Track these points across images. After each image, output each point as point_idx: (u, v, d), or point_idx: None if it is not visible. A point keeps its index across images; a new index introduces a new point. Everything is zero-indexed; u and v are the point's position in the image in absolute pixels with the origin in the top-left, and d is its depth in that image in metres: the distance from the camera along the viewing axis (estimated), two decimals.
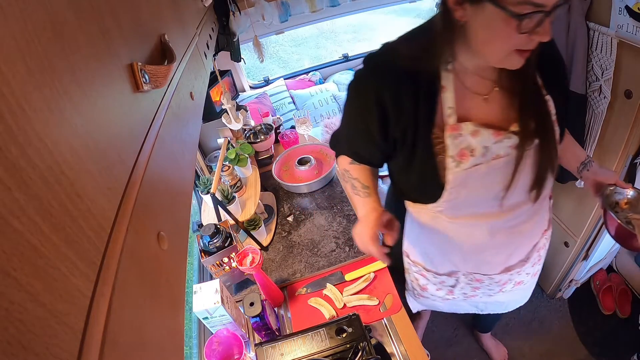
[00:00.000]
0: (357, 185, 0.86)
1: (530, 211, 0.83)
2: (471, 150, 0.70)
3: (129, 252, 0.25)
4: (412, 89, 0.68)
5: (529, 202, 0.80)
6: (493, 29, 0.58)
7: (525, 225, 0.85)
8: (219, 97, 1.55)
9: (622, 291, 1.73)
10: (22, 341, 0.14)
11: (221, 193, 1.20)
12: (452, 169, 0.71)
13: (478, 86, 0.70)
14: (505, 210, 0.79)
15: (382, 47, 0.73)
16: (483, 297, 1.05)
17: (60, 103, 0.21)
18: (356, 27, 5.57)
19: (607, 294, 1.73)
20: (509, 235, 0.85)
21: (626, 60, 1.04)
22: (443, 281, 0.98)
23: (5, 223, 0.15)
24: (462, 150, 0.70)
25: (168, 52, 0.46)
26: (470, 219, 0.81)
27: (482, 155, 0.70)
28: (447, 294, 1.03)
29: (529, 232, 0.88)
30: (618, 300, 1.70)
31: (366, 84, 0.73)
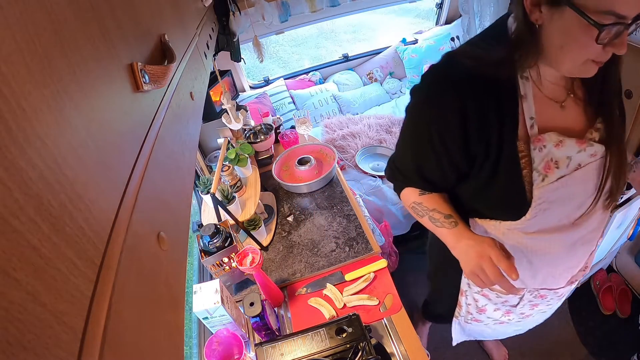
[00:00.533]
0: (438, 216, 0.77)
1: (599, 219, 0.78)
2: (555, 162, 0.66)
3: (129, 252, 0.25)
4: (494, 99, 0.63)
5: (601, 209, 0.75)
6: (570, 36, 0.55)
7: (592, 234, 0.80)
8: (219, 97, 1.55)
9: (622, 291, 1.73)
10: (22, 341, 0.14)
11: (221, 193, 1.20)
12: (538, 184, 0.67)
13: (554, 94, 0.67)
14: (580, 222, 0.75)
15: (448, 56, 0.67)
16: (537, 315, 1.01)
17: (60, 103, 0.21)
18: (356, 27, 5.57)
19: (607, 294, 1.73)
20: (581, 247, 0.80)
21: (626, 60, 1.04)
22: (506, 300, 0.94)
23: (5, 223, 0.15)
24: (547, 163, 0.66)
25: (168, 52, 0.46)
26: (546, 233, 0.75)
27: (566, 167, 0.67)
28: (504, 314, 0.99)
29: (595, 240, 0.84)
30: (618, 300, 1.70)
31: (442, 98, 0.65)
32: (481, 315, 1.02)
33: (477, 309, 1.01)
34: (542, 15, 0.56)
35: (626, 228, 1.54)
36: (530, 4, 0.56)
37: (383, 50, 2.93)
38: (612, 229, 1.41)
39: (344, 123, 2.43)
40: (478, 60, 0.63)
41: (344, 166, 2.17)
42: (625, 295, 1.72)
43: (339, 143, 2.28)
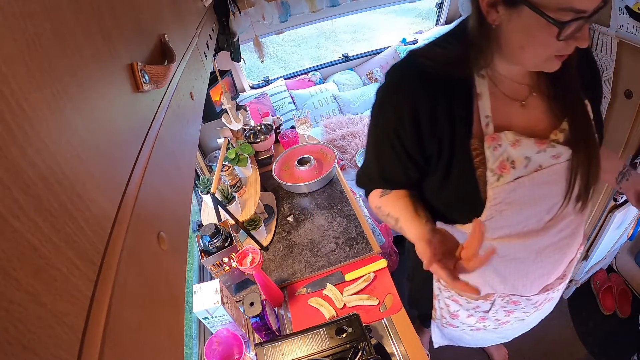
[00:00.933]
0: (391, 221, 0.75)
1: (573, 224, 0.76)
2: (512, 161, 0.65)
3: (129, 252, 0.25)
4: (447, 97, 0.63)
5: (572, 215, 0.74)
6: (530, 35, 0.54)
7: (566, 240, 0.78)
8: (219, 97, 1.55)
9: (622, 291, 1.73)
10: (22, 341, 0.14)
11: (221, 193, 1.20)
12: (492, 184, 0.66)
13: (514, 92, 0.66)
14: (549, 226, 0.73)
15: (408, 56, 0.67)
16: (515, 322, 1.00)
17: (60, 103, 0.21)
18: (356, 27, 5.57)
19: (607, 294, 1.73)
20: (552, 253, 0.78)
21: (626, 60, 1.04)
22: (477, 306, 0.93)
23: (5, 223, 0.15)
24: (502, 163, 0.65)
25: (168, 52, 0.46)
26: (512, 238, 0.74)
27: (523, 167, 0.65)
28: (479, 320, 0.98)
29: (570, 247, 0.81)
30: (618, 300, 1.70)
31: (397, 95, 0.66)
32: (455, 321, 1.01)
33: (449, 313, 1.00)
34: (499, 15, 0.55)
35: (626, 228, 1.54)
36: (486, 5, 0.55)
37: (383, 50, 2.93)
38: (612, 229, 1.41)
39: (344, 123, 2.43)
40: (434, 60, 0.62)
41: (344, 166, 2.17)
42: (625, 295, 1.72)
43: (339, 143, 2.28)
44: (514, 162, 0.65)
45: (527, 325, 1.09)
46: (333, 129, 2.40)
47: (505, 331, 1.07)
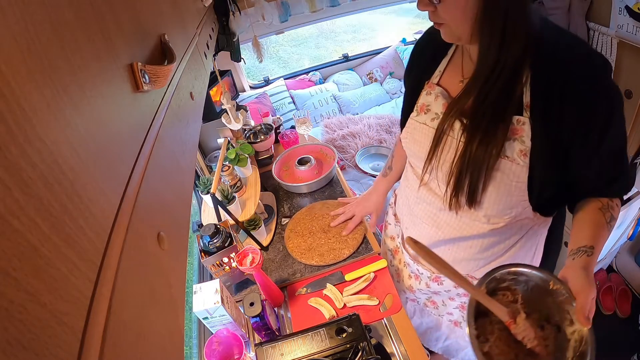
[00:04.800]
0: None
1: (456, 223, 0.83)
2: (427, 109, 0.80)
3: (129, 252, 0.25)
4: (433, 52, 0.80)
5: (439, 201, 0.82)
6: None
7: (455, 233, 0.84)
8: (219, 97, 1.55)
9: (622, 291, 1.73)
10: (22, 341, 0.14)
11: (221, 193, 1.20)
12: (412, 116, 0.84)
13: (465, 68, 0.75)
14: (423, 190, 0.87)
15: None
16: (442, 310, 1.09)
17: (60, 103, 0.21)
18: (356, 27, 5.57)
19: (607, 294, 1.73)
20: (425, 222, 0.90)
21: (626, 60, 1.04)
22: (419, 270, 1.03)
23: (5, 223, 0.15)
24: (423, 104, 0.81)
25: (168, 52, 0.46)
26: (408, 175, 0.92)
27: (430, 120, 0.79)
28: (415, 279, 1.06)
29: (462, 244, 0.86)
30: (618, 300, 1.70)
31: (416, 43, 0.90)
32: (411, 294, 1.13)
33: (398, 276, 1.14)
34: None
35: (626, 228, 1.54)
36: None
37: (383, 50, 2.93)
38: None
39: (344, 123, 2.43)
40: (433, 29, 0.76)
41: (344, 166, 2.17)
42: (625, 295, 1.72)
43: (339, 143, 2.28)
44: (429, 111, 0.80)
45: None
46: (333, 129, 2.40)
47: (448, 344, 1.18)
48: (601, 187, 0.70)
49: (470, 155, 0.70)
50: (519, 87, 0.65)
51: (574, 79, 0.61)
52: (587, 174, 0.69)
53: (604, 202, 0.70)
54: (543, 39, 0.63)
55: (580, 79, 0.61)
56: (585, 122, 0.63)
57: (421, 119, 0.81)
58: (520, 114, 0.66)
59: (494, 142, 0.67)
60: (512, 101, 0.65)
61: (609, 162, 0.68)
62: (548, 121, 0.64)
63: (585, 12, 1.07)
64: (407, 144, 0.87)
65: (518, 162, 0.67)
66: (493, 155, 0.67)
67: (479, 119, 0.68)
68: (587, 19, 1.08)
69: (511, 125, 0.66)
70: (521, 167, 0.67)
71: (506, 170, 0.69)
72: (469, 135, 0.70)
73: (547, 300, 0.67)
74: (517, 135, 0.66)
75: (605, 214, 0.69)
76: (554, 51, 0.63)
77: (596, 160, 0.67)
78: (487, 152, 0.68)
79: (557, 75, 0.62)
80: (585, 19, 1.08)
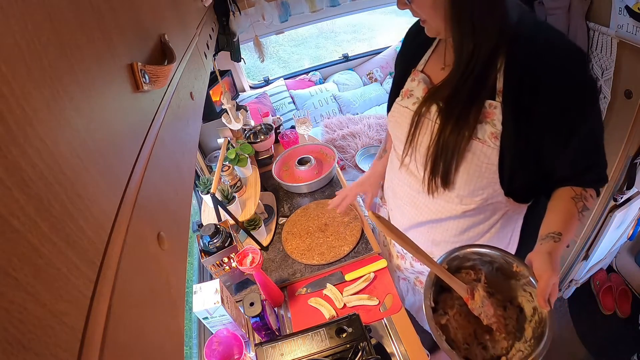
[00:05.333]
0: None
1: (432, 205, 0.87)
2: (410, 94, 0.84)
3: (129, 252, 0.25)
4: (422, 42, 0.84)
5: (424, 190, 0.84)
6: None
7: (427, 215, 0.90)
8: (219, 97, 1.55)
9: (622, 291, 1.73)
10: (22, 341, 0.14)
11: (221, 193, 1.20)
12: (397, 101, 0.88)
13: (448, 57, 0.78)
14: (403, 172, 0.91)
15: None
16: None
17: (60, 103, 0.21)
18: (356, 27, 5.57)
19: (607, 294, 1.73)
20: (405, 202, 0.95)
21: (626, 60, 1.04)
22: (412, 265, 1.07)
23: (5, 223, 0.15)
24: (407, 90, 0.85)
25: (168, 52, 0.46)
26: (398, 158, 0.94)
27: (412, 104, 0.83)
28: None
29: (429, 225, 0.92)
30: (618, 300, 1.70)
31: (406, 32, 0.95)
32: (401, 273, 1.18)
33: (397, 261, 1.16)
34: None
35: (626, 228, 1.54)
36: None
37: (383, 50, 2.93)
38: (612, 229, 1.41)
39: (344, 123, 2.43)
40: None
41: (344, 166, 2.17)
42: (625, 295, 1.72)
43: (339, 143, 2.28)
44: (412, 95, 0.84)
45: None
46: (333, 129, 2.40)
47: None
48: (575, 176, 0.73)
49: (444, 137, 0.73)
50: (493, 74, 0.68)
51: (548, 71, 0.64)
52: (560, 163, 0.72)
53: (577, 191, 0.73)
54: (520, 32, 0.65)
55: (554, 71, 0.63)
56: (557, 113, 0.65)
57: (404, 103, 0.85)
58: (493, 99, 0.69)
59: (467, 124, 0.70)
60: (486, 87, 0.68)
61: (583, 153, 0.70)
62: (519, 107, 0.67)
63: (585, 12, 1.07)
64: (391, 127, 0.92)
65: (489, 144, 0.70)
66: (465, 137, 0.71)
67: (453, 103, 0.71)
68: (587, 19, 1.08)
69: (483, 109, 0.69)
70: (492, 149, 0.70)
71: (477, 152, 0.72)
72: (443, 118, 0.73)
73: (510, 282, 0.71)
74: (488, 119, 0.69)
75: (578, 203, 0.72)
76: (531, 44, 0.65)
77: (568, 151, 0.69)
78: (460, 134, 0.71)
79: (531, 66, 0.64)
80: (585, 19, 1.08)
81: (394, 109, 0.89)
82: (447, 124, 0.72)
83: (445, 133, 0.73)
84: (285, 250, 1.23)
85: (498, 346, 0.68)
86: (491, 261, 0.72)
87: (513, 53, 0.65)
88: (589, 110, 0.66)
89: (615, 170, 1.22)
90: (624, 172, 1.20)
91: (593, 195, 0.74)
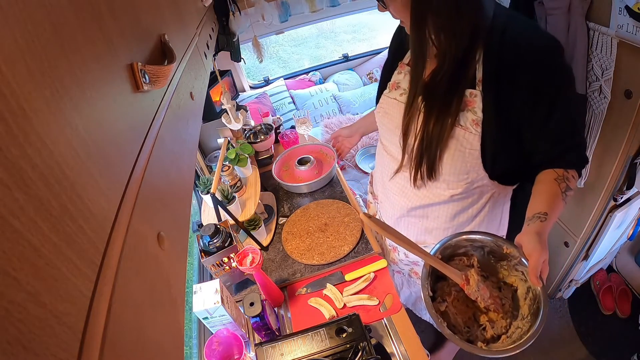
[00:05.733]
0: None
1: (421, 192, 0.90)
2: (397, 85, 0.89)
3: (129, 252, 0.25)
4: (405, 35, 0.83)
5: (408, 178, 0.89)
6: None
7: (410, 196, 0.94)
8: (219, 97, 1.55)
9: (622, 291, 1.73)
10: (22, 341, 0.14)
11: (221, 193, 1.20)
12: (385, 93, 0.93)
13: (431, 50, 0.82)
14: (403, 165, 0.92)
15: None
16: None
17: (60, 103, 0.21)
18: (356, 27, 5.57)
19: (607, 294, 1.73)
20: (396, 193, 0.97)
21: (626, 60, 1.04)
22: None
23: (5, 223, 0.15)
24: (394, 82, 0.90)
25: (168, 52, 0.46)
26: (384, 148, 0.99)
27: (400, 95, 0.88)
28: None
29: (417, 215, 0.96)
30: (618, 300, 1.70)
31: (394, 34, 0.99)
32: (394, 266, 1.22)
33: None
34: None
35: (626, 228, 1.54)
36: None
37: (383, 50, 2.93)
38: (612, 229, 1.41)
39: (344, 123, 2.43)
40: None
41: (344, 166, 2.16)
42: (625, 295, 1.72)
43: None
44: (399, 87, 0.89)
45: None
46: (333, 129, 2.40)
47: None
48: (555, 158, 0.77)
49: (429, 128, 0.78)
50: (472, 65, 0.73)
51: (524, 59, 0.69)
52: (540, 145, 0.76)
53: (559, 172, 0.76)
54: (496, 24, 0.70)
55: (530, 58, 0.69)
56: (533, 97, 0.70)
57: (392, 95, 0.90)
58: (473, 88, 0.74)
59: (449, 112, 0.75)
60: (466, 77, 0.73)
61: (561, 134, 0.74)
62: (498, 95, 0.72)
63: (585, 12, 1.07)
64: (380, 118, 0.96)
65: (471, 130, 0.75)
66: (448, 125, 0.76)
67: (436, 93, 0.76)
68: (587, 19, 1.08)
69: (465, 98, 0.74)
70: (474, 135, 0.75)
71: (460, 138, 0.76)
72: (427, 107, 0.78)
73: (503, 263, 0.75)
74: (470, 107, 0.75)
75: (561, 184, 0.75)
76: (506, 34, 0.70)
77: (547, 133, 0.74)
78: (444, 122, 0.76)
79: (508, 55, 0.69)
80: (585, 19, 1.08)
81: (382, 100, 0.93)
82: (431, 113, 0.77)
83: (429, 123, 0.77)
84: (285, 250, 1.23)
85: (497, 326, 0.71)
86: (482, 246, 0.76)
87: (490, 44, 0.70)
88: (564, 93, 0.71)
89: (615, 170, 1.22)
90: (624, 172, 1.20)
91: (575, 176, 0.77)
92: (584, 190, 1.37)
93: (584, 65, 1.13)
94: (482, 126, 0.74)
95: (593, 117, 1.21)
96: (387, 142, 0.96)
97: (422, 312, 1.38)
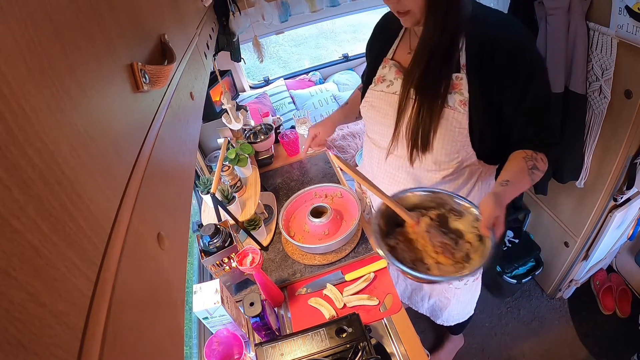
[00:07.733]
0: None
1: (412, 177, 0.96)
2: (383, 79, 0.94)
3: (129, 252, 0.25)
4: (388, 33, 0.96)
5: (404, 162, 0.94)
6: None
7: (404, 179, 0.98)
8: (219, 97, 1.55)
9: (622, 291, 1.73)
10: (22, 341, 0.14)
11: (221, 193, 1.20)
12: (371, 87, 0.97)
13: (411, 43, 0.90)
14: (390, 158, 0.97)
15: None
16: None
17: (60, 103, 0.21)
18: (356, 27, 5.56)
19: (607, 294, 1.73)
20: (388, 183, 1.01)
21: (626, 60, 1.04)
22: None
23: (5, 223, 0.15)
24: (380, 76, 0.95)
25: (168, 52, 0.46)
26: (374, 143, 1.02)
27: (386, 87, 0.93)
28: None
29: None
30: (618, 300, 1.70)
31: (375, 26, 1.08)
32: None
33: None
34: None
35: (626, 228, 1.54)
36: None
37: None
38: (612, 229, 1.41)
39: None
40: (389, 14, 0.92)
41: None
42: (625, 295, 1.72)
43: (339, 143, 2.28)
44: (385, 80, 0.94)
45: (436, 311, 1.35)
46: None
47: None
48: (527, 138, 0.85)
49: (423, 110, 0.84)
50: (456, 52, 0.81)
51: (500, 46, 0.78)
52: (515, 125, 0.84)
53: (528, 152, 0.85)
54: (475, 15, 0.79)
55: (507, 45, 0.78)
56: (510, 80, 0.79)
57: (378, 88, 0.95)
58: (459, 72, 0.82)
59: (439, 95, 0.83)
60: (452, 63, 0.81)
61: (532, 116, 0.83)
62: (481, 77, 0.80)
63: (585, 12, 1.07)
64: (366, 112, 0.99)
65: (459, 110, 0.82)
66: (438, 106, 0.83)
67: (426, 79, 0.83)
68: (587, 19, 1.08)
69: (452, 81, 0.82)
70: (462, 115, 0.82)
71: (449, 118, 0.83)
72: (419, 92, 0.84)
73: (462, 219, 0.83)
74: (456, 89, 0.82)
75: (528, 162, 0.83)
76: (485, 23, 0.79)
77: (520, 115, 0.82)
78: (435, 104, 0.83)
79: (487, 41, 0.78)
80: (585, 19, 1.08)
81: (368, 94, 0.98)
82: (424, 97, 0.84)
83: (423, 105, 0.84)
84: (285, 250, 1.22)
85: (444, 270, 0.76)
86: (443, 203, 0.85)
87: (471, 33, 0.79)
88: (537, 77, 0.80)
89: (615, 170, 1.22)
90: (624, 172, 1.20)
91: (544, 159, 0.85)
92: (584, 190, 1.37)
93: (584, 65, 1.13)
94: (468, 105, 0.81)
95: (593, 117, 1.20)
96: (374, 134, 1.01)
97: (419, 305, 1.40)
